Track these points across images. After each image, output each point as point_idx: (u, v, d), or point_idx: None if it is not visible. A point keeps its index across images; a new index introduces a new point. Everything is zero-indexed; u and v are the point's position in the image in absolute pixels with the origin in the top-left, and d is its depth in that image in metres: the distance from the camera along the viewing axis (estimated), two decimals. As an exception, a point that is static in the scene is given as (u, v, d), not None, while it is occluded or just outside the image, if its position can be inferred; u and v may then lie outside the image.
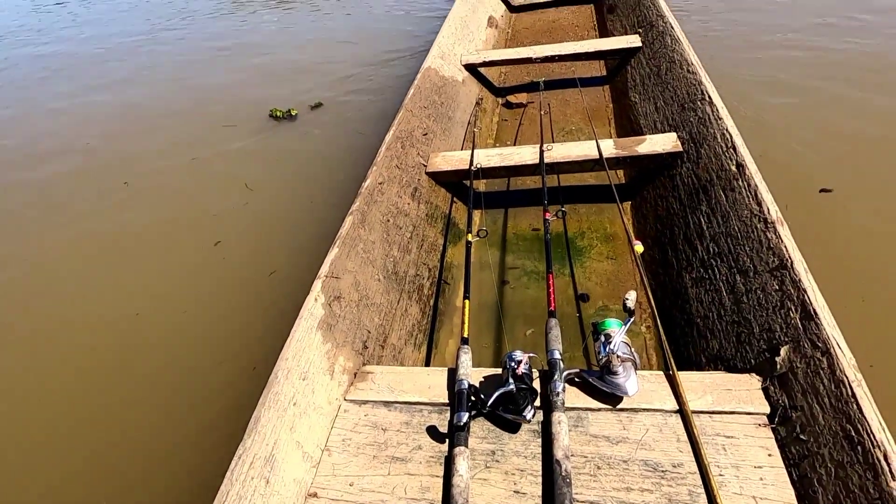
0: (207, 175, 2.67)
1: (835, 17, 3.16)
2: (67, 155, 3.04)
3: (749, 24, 3.25)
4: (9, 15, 6.79)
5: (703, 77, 1.83)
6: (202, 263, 2.09)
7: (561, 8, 3.52)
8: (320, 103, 3.11)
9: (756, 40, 3.02)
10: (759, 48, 2.94)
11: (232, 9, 5.60)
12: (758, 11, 3.43)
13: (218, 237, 2.21)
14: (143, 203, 2.52)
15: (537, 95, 2.48)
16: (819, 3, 3.39)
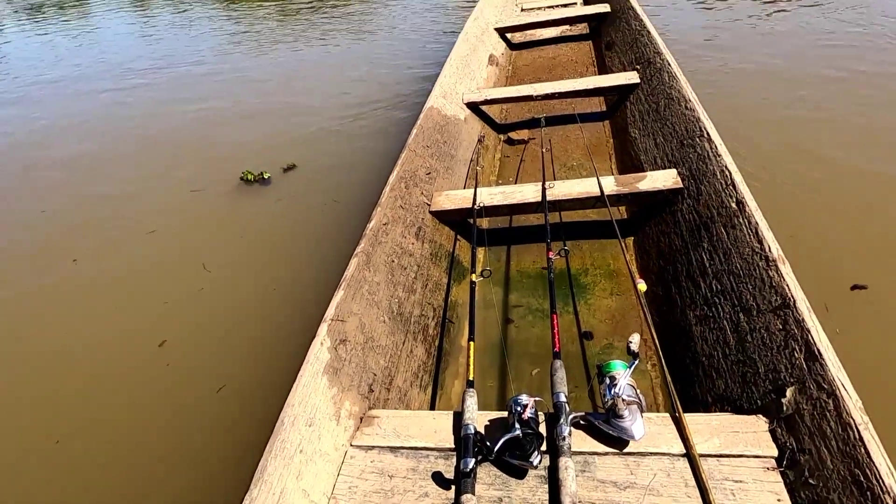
0: (164, 252, 2.46)
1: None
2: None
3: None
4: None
5: (700, 114, 1.88)
6: (141, 372, 1.81)
7: (560, 45, 3.63)
8: (293, 165, 2.96)
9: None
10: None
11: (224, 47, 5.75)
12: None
13: (164, 334, 1.95)
14: (81, 291, 2.27)
15: (539, 132, 2.54)
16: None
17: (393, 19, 5.75)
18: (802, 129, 2.58)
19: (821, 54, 3.31)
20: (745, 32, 3.87)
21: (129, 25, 7.71)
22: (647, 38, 2.71)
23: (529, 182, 2.15)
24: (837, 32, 3.60)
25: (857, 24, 3.70)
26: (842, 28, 3.66)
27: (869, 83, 2.90)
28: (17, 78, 5.59)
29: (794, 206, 2.08)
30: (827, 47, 3.40)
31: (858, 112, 2.65)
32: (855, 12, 3.91)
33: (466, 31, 3.16)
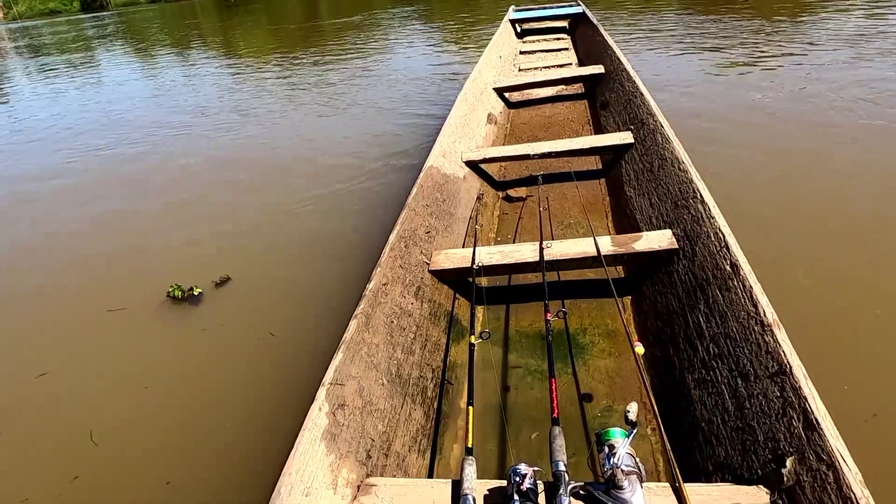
0: (48, 408, 1.96)
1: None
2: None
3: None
4: None
5: (693, 175, 1.95)
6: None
7: (556, 104, 3.78)
8: (227, 277, 2.61)
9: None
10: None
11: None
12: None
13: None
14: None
15: (536, 189, 2.62)
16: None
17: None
18: (798, 190, 2.67)
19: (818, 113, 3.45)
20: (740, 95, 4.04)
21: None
22: (640, 99, 2.84)
23: (528, 240, 2.20)
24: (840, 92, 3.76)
25: (859, 85, 3.86)
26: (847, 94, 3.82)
27: (863, 145, 3.01)
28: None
29: (791, 268, 2.13)
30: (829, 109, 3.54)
31: (857, 171, 2.74)
32: (853, 79, 4.09)
33: (465, 90, 3.30)
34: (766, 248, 2.21)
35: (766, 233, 2.35)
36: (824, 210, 2.48)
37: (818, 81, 3.98)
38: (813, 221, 2.41)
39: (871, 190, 2.58)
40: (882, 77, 3.89)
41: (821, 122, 3.33)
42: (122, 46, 14.99)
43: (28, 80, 10.64)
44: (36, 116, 6.78)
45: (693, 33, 6.20)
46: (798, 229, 2.37)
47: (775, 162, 2.95)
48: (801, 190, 2.68)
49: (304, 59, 8.06)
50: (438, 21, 10.92)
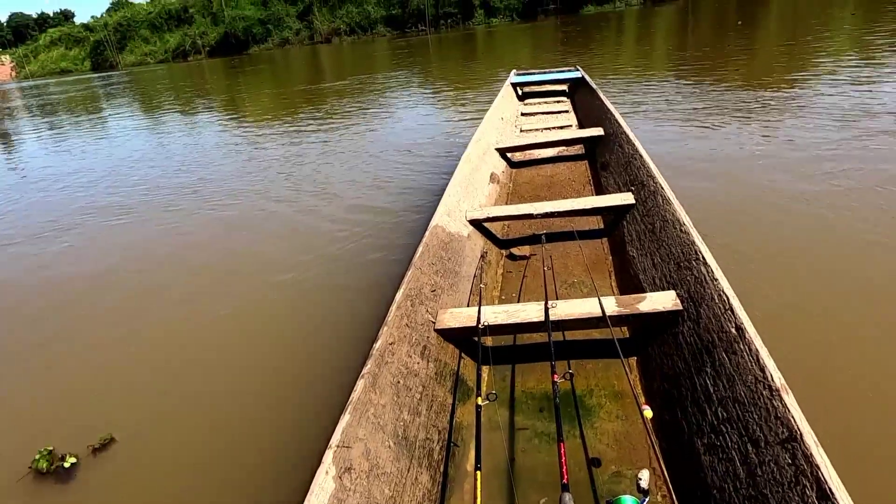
0: None
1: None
2: None
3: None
4: None
5: (695, 237, 2.02)
6: None
7: (558, 164, 3.93)
8: (110, 438, 2.07)
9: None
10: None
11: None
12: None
13: None
14: None
15: (540, 248, 2.69)
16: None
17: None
18: (804, 251, 2.74)
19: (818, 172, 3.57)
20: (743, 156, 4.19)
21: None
22: (639, 161, 2.96)
23: (532, 300, 2.25)
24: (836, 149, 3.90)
25: (858, 139, 4.02)
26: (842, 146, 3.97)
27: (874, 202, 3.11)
28: None
29: (798, 330, 2.16)
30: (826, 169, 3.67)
31: (865, 230, 2.81)
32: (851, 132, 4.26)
33: (469, 151, 3.44)
34: (772, 306, 2.25)
35: (771, 292, 2.40)
36: (831, 267, 2.54)
37: (808, 147, 4.14)
38: (819, 280, 2.47)
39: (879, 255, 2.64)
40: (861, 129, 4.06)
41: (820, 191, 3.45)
42: (128, 106, 15.58)
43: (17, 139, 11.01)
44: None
45: (687, 99, 6.48)
46: (805, 289, 2.42)
47: (778, 223, 3.04)
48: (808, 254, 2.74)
49: (306, 120, 8.38)
50: (438, 83, 11.41)
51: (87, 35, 52.65)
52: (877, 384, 1.85)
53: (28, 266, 3.96)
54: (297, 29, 43.03)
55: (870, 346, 2.04)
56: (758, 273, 2.56)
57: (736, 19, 15.90)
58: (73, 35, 54.56)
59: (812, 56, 7.78)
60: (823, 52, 7.81)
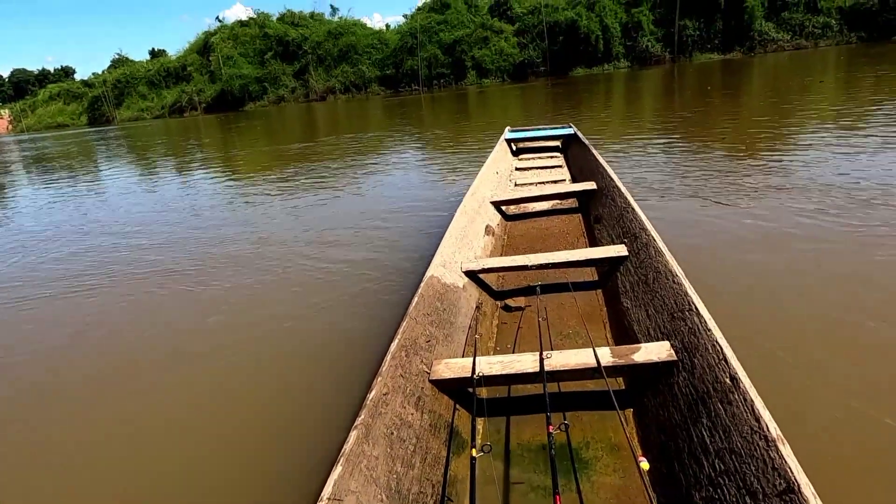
0: None
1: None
2: None
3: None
4: None
5: (688, 288, 2.07)
6: None
7: (552, 217, 4.03)
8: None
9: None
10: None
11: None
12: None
13: None
14: None
15: (535, 299, 2.73)
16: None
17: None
18: (798, 299, 2.79)
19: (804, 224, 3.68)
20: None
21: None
22: (631, 214, 3.05)
23: (527, 350, 2.26)
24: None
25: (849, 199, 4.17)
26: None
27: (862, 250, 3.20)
28: None
29: (793, 379, 2.18)
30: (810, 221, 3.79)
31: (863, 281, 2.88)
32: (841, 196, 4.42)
33: (465, 204, 3.54)
34: (764, 356, 2.28)
35: (764, 343, 2.43)
36: (823, 321, 2.59)
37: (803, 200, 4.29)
38: (811, 331, 2.51)
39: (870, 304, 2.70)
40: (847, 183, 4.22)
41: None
42: (121, 160, 15.84)
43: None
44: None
45: (674, 159, 6.73)
46: (800, 344, 2.45)
47: (768, 273, 3.11)
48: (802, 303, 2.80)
49: (299, 173, 8.56)
50: (431, 140, 11.77)
51: (85, 91, 54.23)
52: (873, 437, 1.86)
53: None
54: (293, 87, 44.58)
55: (864, 398, 2.06)
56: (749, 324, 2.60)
57: (707, 86, 16.71)
58: (72, 91, 56.21)
59: (789, 124, 8.18)
60: (800, 121, 8.21)
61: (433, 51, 40.60)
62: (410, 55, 41.56)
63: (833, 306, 2.67)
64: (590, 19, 37.07)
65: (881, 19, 32.23)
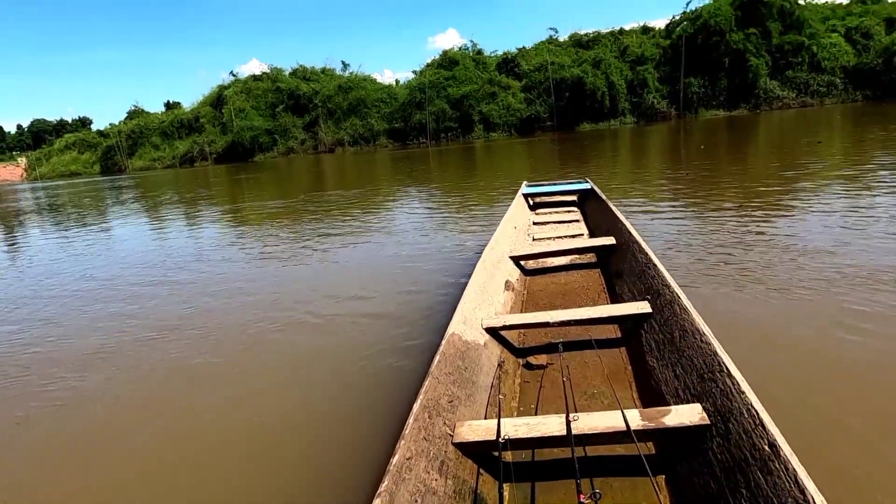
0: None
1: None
2: None
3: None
4: None
5: (717, 348, 2.05)
6: None
7: (571, 272, 4.04)
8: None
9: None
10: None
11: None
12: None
13: None
14: None
15: (557, 356, 2.70)
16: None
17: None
18: (840, 359, 2.75)
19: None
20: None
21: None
22: (653, 270, 3.06)
23: (551, 411, 2.22)
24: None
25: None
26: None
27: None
28: None
29: (837, 444, 2.12)
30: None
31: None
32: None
33: (484, 259, 3.56)
34: (803, 422, 2.23)
35: (804, 410, 2.38)
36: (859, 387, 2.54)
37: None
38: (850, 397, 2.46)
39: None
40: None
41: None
42: (131, 207, 16.14)
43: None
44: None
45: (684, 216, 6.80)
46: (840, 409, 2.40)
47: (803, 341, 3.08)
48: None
49: (309, 227, 8.66)
50: (441, 193, 11.97)
51: (100, 141, 56.19)
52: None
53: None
54: (303, 139, 45.89)
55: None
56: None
57: (701, 145, 17.02)
58: (87, 140, 58.32)
59: (796, 181, 8.29)
60: (806, 179, 8.34)
61: (441, 105, 41.90)
62: (419, 109, 42.88)
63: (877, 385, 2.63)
64: (596, 76, 38.35)
65: (885, 79, 33.16)
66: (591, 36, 44.86)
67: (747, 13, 36.78)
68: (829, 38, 36.52)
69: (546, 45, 45.87)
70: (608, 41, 43.07)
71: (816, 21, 37.52)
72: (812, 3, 40.04)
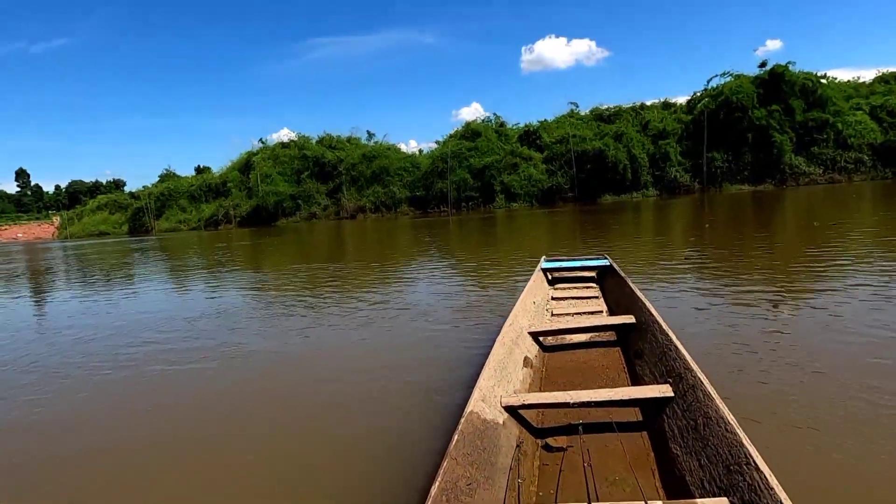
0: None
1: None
2: None
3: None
4: None
5: (743, 438, 2.03)
6: None
7: (590, 350, 4.04)
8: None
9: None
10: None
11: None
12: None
13: None
14: None
15: (577, 439, 2.68)
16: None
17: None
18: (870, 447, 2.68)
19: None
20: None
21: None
22: (675, 352, 3.06)
23: (571, 498, 2.20)
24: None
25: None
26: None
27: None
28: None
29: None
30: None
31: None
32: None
33: (503, 334, 3.60)
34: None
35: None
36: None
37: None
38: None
39: None
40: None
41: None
42: (154, 267, 16.59)
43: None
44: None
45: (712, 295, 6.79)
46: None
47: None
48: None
49: (326, 294, 8.79)
50: (461, 263, 12.11)
51: (130, 202, 58.95)
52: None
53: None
54: (325, 205, 47.30)
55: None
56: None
57: (706, 223, 16.96)
58: (119, 202, 61.34)
59: (820, 261, 8.27)
60: (829, 260, 8.30)
61: (463, 175, 43.09)
62: (440, 178, 44.13)
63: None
64: (617, 149, 39.30)
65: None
66: (612, 110, 46.44)
67: (769, 90, 37.87)
68: (853, 115, 37.22)
69: (567, 119, 47.50)
70: (630, 115, 44.48)
71: (840, 99, 38.40)
72: (834, 82, 41.16)
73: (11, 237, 65.96)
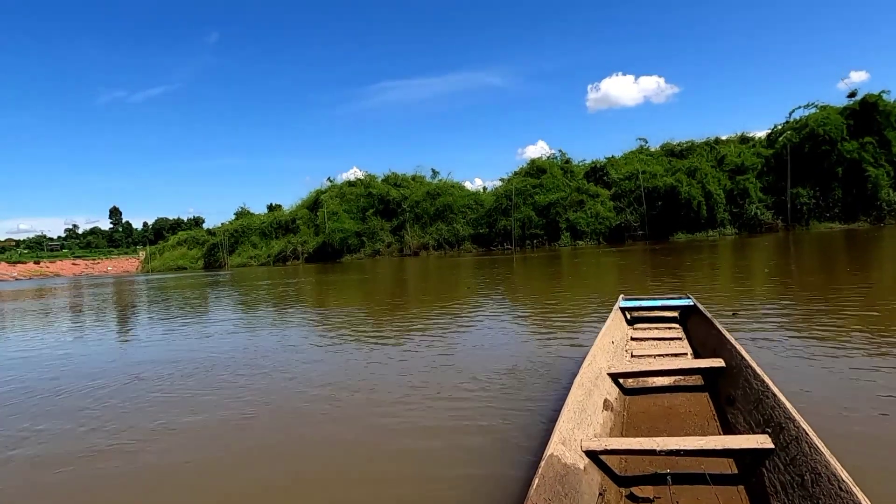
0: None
1: None
2: None
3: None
4: None
5: (861, 498, 1.85)
6: None
7: (675, 394, 3.84)
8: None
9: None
10: None
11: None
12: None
13: None
14: None
15: (665, 489, 2.53)
16: None
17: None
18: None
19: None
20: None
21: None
22: (772, 399, 2.86)
23: None
24: None
25: None
26: None
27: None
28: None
29: None
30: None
31: None
32: None
33: (581, 375, 3.49)
34: None
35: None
36: None
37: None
38: None
39: None
40: None
41: None
42: (225, 300, 17.38)
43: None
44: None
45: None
46: None
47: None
48: None
49: (388, 330, 8.87)
50: (528, 303, 11.95)
51: (208, 238, 63.25)
52: None
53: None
54: (389, 242, 48.41)
55: None
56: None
57: (765, 268, 15.69)
58: (197, 238, 66.33)
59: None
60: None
61: (527, 212, 43.02)
62: (504, 215, 44.24)
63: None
64: (691, 185, 38.04)
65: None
66: (684, 145, 45.28)
67: (861, 122, 35.83)
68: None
69: (636, 154, 46.71)
70: (703, 150, 43.16)
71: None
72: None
73: (103, 270, 76.00)
